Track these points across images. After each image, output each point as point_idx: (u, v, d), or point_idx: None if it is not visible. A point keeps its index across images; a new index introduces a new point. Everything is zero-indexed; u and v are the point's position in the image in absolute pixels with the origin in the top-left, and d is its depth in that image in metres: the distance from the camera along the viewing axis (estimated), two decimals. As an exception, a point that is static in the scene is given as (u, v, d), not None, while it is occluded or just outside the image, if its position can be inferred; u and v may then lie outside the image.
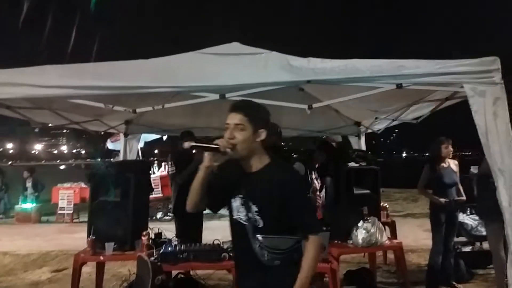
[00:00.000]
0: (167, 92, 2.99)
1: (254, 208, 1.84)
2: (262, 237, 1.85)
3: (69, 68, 2.88)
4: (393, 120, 4.73)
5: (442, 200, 4.26)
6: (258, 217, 1.84)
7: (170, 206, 6.36)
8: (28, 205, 10.43)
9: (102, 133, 5.88)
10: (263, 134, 1.88)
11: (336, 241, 3.83)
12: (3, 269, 5.74)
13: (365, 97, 3.04)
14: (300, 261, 1.87)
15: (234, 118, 1.84)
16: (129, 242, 3.68)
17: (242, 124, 1.83)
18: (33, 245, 7.27)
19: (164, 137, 8.01)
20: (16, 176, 12.20)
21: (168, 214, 9.29)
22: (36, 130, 28.98)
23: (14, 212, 10.44)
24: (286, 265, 1.86)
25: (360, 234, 3.74)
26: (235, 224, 1.95)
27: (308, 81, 2.83)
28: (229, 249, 3.30)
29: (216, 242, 3.57)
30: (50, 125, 4.37)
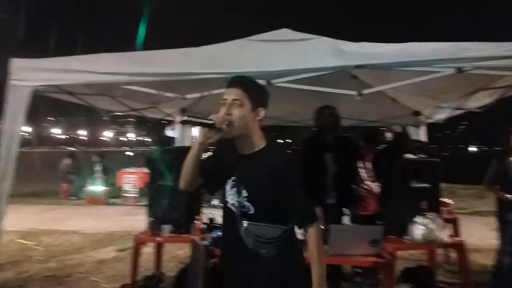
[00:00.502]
0: (215, 79, 3.00)
1: (244, 193, 1.73)
2: (248, 223, 1.73)
3: (122, 56, 3.00)
4: (456, 109, 4.41)
5: (510, 196, 3.95)
6: (247, 203, 1.73)
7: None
8: (97, 188, 11.21)
9: (167, 122, 6.15)
10: (262, 113, 1.75)
11: (391, 236, 3.67)
12: (72, 246, 6.19)
13: (424, 84, 2.85)
14: (290, 251, 1.77)
15: (232, 93, 1.73)
16: (184, 226, 3.77)
17: (240, 99, 1.71)
18: (100, 225, 7.79)
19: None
20: (87, 161, 13.13)
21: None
22: (105, 118, 30.90)
23: (84, 194, 11.22)
24: (275, 254, 1.74)
25: (418, 230, 3.52)
26: (225, 208, 1.84)
27: (357, 66, 2.70)
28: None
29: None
30: (110, 110, 4.63)
